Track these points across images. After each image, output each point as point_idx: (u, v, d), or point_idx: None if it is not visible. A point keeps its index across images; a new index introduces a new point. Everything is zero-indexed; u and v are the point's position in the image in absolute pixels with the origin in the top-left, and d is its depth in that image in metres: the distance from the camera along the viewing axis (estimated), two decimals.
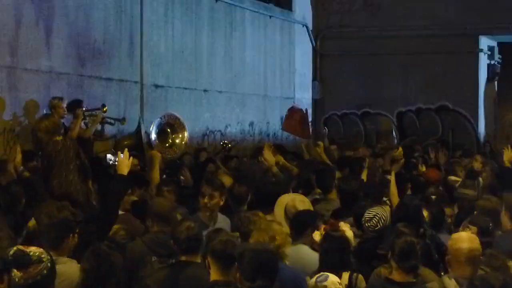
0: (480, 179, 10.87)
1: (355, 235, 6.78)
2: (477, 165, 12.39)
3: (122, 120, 12.23)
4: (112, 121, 11.94)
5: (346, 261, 6.03)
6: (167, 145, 11.58)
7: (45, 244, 5.37)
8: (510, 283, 4.96)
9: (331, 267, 5.86)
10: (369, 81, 19.98)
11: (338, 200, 8.71)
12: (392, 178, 9.04)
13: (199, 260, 5.80)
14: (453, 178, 11.34)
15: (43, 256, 4.25)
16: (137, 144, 11.64)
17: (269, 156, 10.04)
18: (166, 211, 6.61)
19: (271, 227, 5.95)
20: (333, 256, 5.95)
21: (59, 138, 9.08)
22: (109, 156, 7.95)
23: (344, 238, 6.09)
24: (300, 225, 6.80)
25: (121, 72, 13.33)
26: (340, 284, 5.60)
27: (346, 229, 6.20)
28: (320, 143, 12.13)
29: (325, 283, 5.52)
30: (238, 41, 17.10)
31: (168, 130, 11.74)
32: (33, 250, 4.28)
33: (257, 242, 5.74)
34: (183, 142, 11.89)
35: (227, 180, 9.06)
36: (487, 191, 9.69)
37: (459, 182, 10.56)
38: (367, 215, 6.88)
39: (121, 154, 6.86)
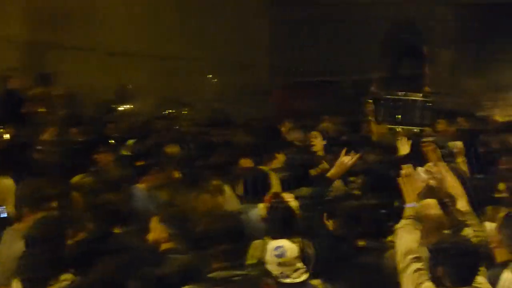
0: None
1: None
2: None
3: None
4: None
5: (291, 229, 6.06)
6: None
7: None
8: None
9: (277, 235, 5.90)
10: (327, 48, 19.86)
11: None
12: None
13: None
14: None
15: None
16: None
17: None
18: None
19: None
20: (278, 225, 6.07)
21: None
22: None
23: (289, 207, 6.22)
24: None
25: (78, 39, 13.25)
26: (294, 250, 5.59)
27: (290, 199, 6.31)
28: None
29: (283, 259, 5.45)
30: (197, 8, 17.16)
31: None
32: None
33: None
34: None
35: None
36: None
37: None
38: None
39: None
